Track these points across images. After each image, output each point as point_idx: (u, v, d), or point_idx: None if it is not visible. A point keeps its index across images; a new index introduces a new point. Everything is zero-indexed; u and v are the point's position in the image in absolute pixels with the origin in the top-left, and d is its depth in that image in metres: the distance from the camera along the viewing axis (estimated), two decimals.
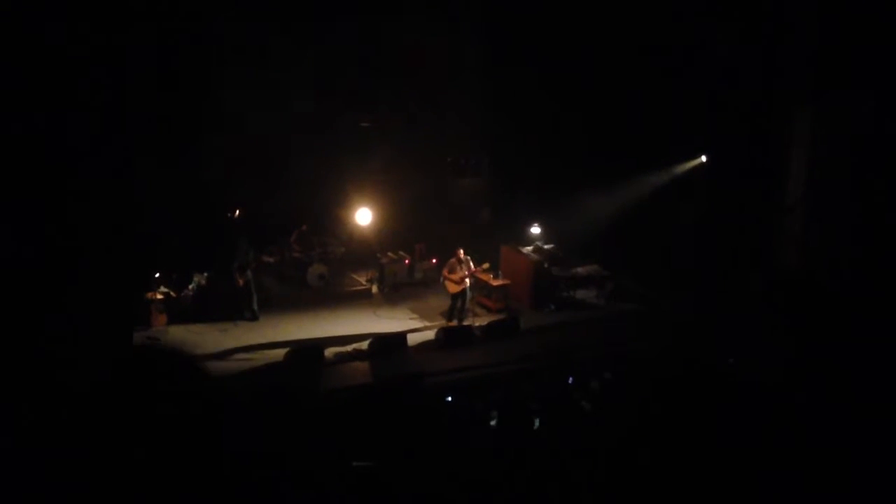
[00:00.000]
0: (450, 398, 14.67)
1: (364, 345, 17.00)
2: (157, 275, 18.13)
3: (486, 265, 18.61)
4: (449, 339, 17.44)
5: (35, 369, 11.53)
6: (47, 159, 11.75)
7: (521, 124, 20.63)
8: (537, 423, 9.25)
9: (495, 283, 19.56)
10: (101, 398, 1.76)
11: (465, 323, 18.25)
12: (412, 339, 17.43)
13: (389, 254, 21.05)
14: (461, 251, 18.34)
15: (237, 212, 19.31)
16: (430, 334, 17.81)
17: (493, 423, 10.12)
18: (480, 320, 18.38)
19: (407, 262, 20.98)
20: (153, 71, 13.83)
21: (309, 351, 16.38)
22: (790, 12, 19.07)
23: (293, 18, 18.81)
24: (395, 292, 20.49)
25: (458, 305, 18.37)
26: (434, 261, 20.53)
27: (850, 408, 9.04)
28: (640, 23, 19.00)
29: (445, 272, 18.40)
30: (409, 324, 18.56)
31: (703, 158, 20.60)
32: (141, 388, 1.77)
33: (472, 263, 18.32)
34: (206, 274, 18.75)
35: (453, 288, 18.28)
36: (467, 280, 18.23)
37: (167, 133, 14.30)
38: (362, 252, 21.31)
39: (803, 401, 9.29)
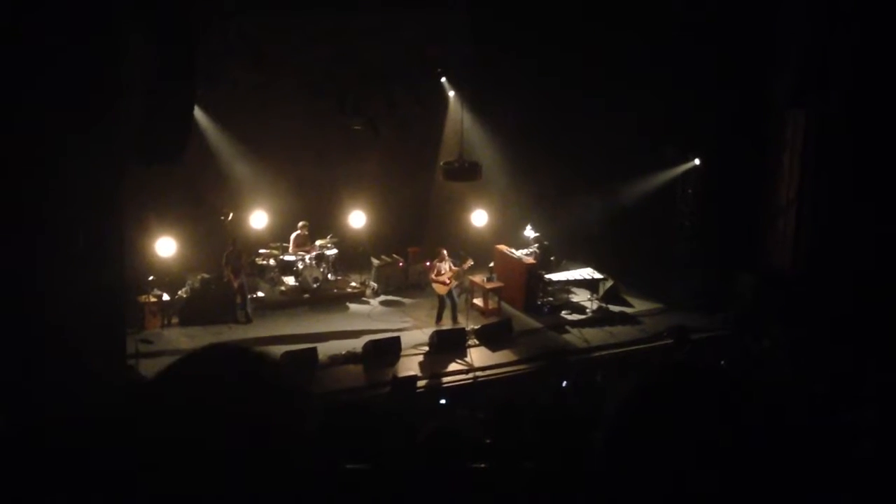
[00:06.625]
0: (443, 401, 14.69)
1: (358, 347, 16.99)
2: (151, 277, 18.11)
3: (468, 262, 18.63)
4: (442, 341, 17.43)
5: (26, 371, 11.52)
6: (37, 159, 11.74)
7: (515, 126, 20.62)
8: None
9: (489, 285, 19.55)
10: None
11: (459, 325, 18.24)
12: (406, 341, 17.41)
13: (383, 257, 21.04)
14: (444, 251, 18.41)
15: (230, 214, 19.27)
16: (423, 337, 17.80)
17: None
18: (474, 323, 18.37)
19: (401, 265, 20.98)
20: (145, 71, 13.82)
21: (303, 353, 16.36)
22: (783, 14, 19.11)
23: (286, 16, 18.76)
24: (388, 295, 20.49)
25: (447, 304, 18.42)
26: (428, 264, 20.53)
27: (844, 410, 9.07)
28: (632, 24, 19.00)
29: (433, 276, 18.42)
30: (403, 326, 18.54)
31: (697, 161, 20.61)
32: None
33: (450, 263, 18.34)
34: (199, 277, 18.74)
35: (441, 289, 18.32)
36: (453, 280, 18.29)
37: (157, 134, 14.25)
38: (356, 255, 21.29)
39: (797, 402, 9.31)
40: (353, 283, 20.70)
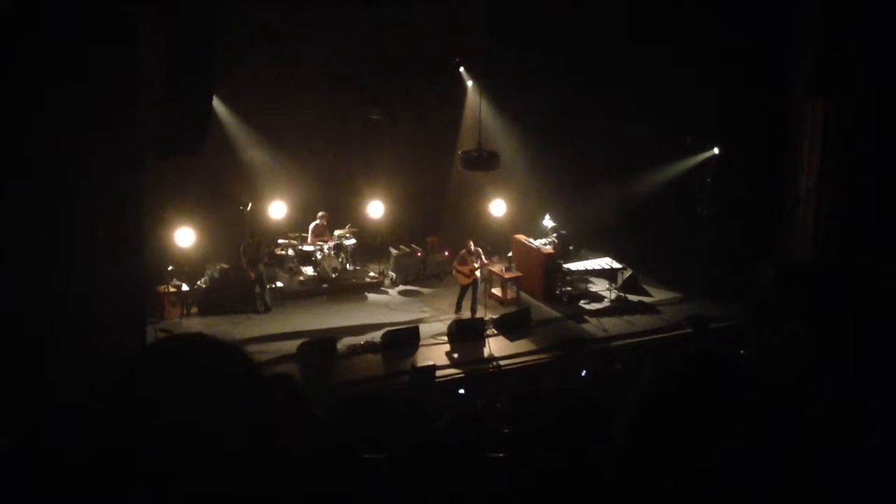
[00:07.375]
0: (462, 390, 14.71)
1: (377, 337, 17.03)
2: (170, 268, 18.20)
3: (495, 258, 18.67)
4: (461, 331, 17.44)
5: (47, 362, 11.59)
6: (53, 153, 11.79)
7: (533, 115, 20.57)
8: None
9: (507, 275, 19.55)
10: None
11: (477, 315, 18.25)
12: (424, 331, 17.43)
13: (402, 246, 21.05)
14: (471, 243, 18.38)
15: (249, 204, 19.34)
16: (442, 327, 17.81)
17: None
18: (492, 312, 18.38)
19: (419, 254, 20.98)
20: (163, 62, 13.85)
21: (321, 343, 16.42)
22: (803, 4, 18.98)
23: (306, 8, 18.79)
24: (407, 285, 20.51)
25: (467, 295, 18.43)
26: (446, 253, 20.53)
27: (863, 402, 9.01)
28: (652, 13, 18.92)
29: (456, 264, 18.43)
30: (422, 316, 18.56)
31: (716, 150, 20.50)
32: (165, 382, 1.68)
33: (482, 255, 18.40)
34: (218, 267, 18.81)
35: (463, 280, 18.33)
36: (478, 272, 18.30)
37: (176, 125, 14.29)
38: (374, 245, 21.33)
39: (816, 392, 9.28)
40: (372, 273, 20.74)
